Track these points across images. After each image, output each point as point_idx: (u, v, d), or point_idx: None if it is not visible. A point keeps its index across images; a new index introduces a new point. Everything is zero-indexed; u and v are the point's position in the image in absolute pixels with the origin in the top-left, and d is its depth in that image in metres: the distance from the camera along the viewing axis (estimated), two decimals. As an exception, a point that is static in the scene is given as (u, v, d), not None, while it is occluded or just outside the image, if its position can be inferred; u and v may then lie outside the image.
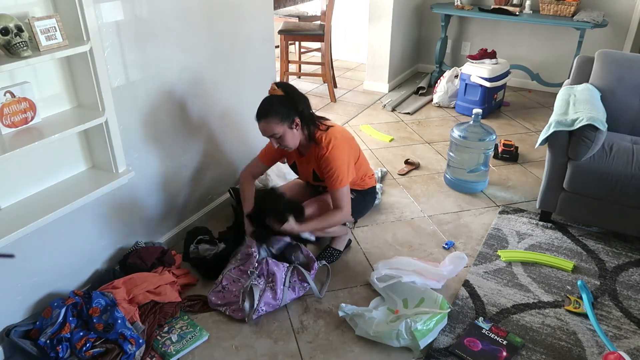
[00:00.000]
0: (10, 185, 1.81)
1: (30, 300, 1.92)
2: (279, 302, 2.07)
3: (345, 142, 2.20)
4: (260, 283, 2.07)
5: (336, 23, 5.59)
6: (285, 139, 2.09)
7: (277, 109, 2.05)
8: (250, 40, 2.70)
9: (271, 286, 2.07)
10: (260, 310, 2.03)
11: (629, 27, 4.20)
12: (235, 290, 2.08)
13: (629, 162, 2.34)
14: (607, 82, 2.70)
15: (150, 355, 1.86)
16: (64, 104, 1.92)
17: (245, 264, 2.14)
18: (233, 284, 2.11)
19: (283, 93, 2.09)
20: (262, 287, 2.06)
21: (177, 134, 2.38)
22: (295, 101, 2.09)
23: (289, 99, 2.08)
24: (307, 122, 2.14)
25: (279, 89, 2.09)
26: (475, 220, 2.72)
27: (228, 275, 2.14)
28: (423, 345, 1.87)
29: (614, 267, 2.34)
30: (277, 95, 2.09)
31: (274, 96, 2.10)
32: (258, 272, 2.08)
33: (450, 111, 4.27)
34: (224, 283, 2.12)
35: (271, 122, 2.05)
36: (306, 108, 2.13)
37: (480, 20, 4.72)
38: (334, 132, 2.17)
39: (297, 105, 2.09)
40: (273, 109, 2.05)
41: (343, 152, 2.15)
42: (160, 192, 2.38)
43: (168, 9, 2.14)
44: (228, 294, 2.09)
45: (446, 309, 1.98)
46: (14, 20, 1.57)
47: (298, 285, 2.13)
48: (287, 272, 2.12)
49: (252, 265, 2.11)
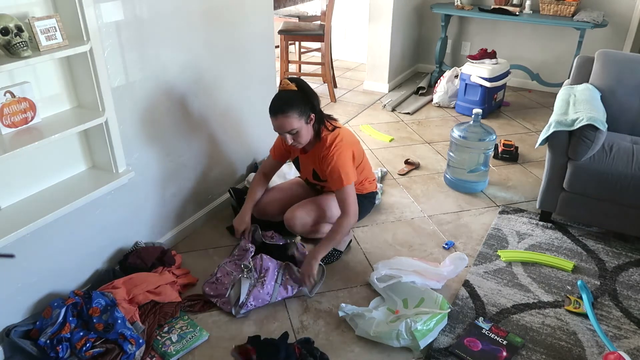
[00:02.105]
0: (10, 185, 1.81)
1: (30, 300, 1.92)
2: (269, 298, 2.07)
3: (349, 146, 2.19)
4: (251, 278, 2.08)
5: (336, 23, 5.59)
6: (301, 134, 2.07)
7: (295, 104, 2.02)
8: (250, 40, 2.70)
9: (262, 281, 2.07)
10: (249, 305, 2.03)
11: (629, 27, 4.20)
12: (227, 282, 2.12)
13: (629, 162, 2.34)
14: (607, 82, 2.70)
15: (150, 355, 1.86)
16: (64, 104, 1.92)
17: (242, 258, 2.16)
18: (226, 276, 2.14)
19: (297, 88, 2.06)
20: (252, 282, 2.07)
21: (177, 134, 2.38)
22: (309, 97, 2.07)
23: (304, 95, 2.06)
24: (319, 117, 2.13)
25: (293, 84, 2.06)
26: (475, 220, 2.72)
27: (223, 268, 2.18)
28: (423, 345, 1.87)
29: (614, 267, 2.34)
30: (292, 90, 2.05)
31: (290, 91, 2.06)
32: (252, 266, 2.10)
33: (450, 111, 4.27)
34: (218, 275, 2.16)
35: (290, 117, 2.01)
36: (317, 104, 2.12)
37: (480, 20, 4.72)
38: (340, 134, 2.17)
39: (312, 99, 2.08)
40: (291, 104, 2.01)
41: (345, 154, 2.14)
42: (160, 192, 2.38)
43: (168, 9, 2.14)
44: (220, 285, 2.12)
45: (446, 309, 1.98)
46: (14, 20, 1.57)
47: (291, 284, 2.13)
48: (280, 269, 2.12)
49: (247, 260, 2.14)
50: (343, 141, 2.15)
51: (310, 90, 2.11)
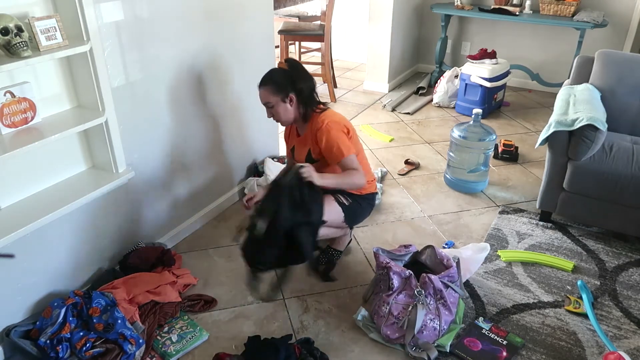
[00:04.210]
0: (10, 185, 1.81)
1: (30, 300, 1.92)
2: (453, 315, 1.96)
3: (339, 120, 2.16)
4: (430, 302, 1.90)
5: (336, 23, 5.59)
6: (277, 111, 2.15)
7: (274, 80, 2.12)
8: (250, 40, 2.70)
9: (442, 302, 1.92)
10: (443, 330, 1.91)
11: (629, 27, 4.20)
12: (403, 317, 1.90)
13: (629, 162, 2.34)
14: (607, 82, 2.70)
15: (150, 355, 1.86)
16: (64, 104, 1.92)
17: (405, 286, 1.95)
18: (403, 311, 1.91)
19: (287, 68, 2.16)
20: (432, 305, 1.90)
21: (177, 134, 2.38)
22: (296, 78, 2.14)
23: (291, 75, 2.14)
24: (305, 102, 2.16)
25: (286, 64, 2.17)
26: (475, 220, 2.72)
27: (395, 305, 1.92)
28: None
29: (614, 267, 2.34)
30: (281, 68, 2.17)
31: (279, 68, 2.19)
32: (425, 292, 1.91)
33: (450, 111, 4.27)
34: (395, 313, 1.91)
35: (267, 90, 2.13)
36: (306, 88, 2.15)
37: (480, 20, 4.72)
38: (328, 112, 2.19)
39: (297, 82, 2.13)
40: (271, 78, 2.13)
41: (337, 127, 2.11)
42: (160, 192, 2.38)
43: (168, 9, 2.14)
44: (400, 322, 1.91)
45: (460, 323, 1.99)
46: (14, 20, 1.57)
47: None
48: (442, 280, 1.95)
49: (414, 285, 1.92)
50: (334, 117, 2.17)
51: (301, 74, 2.16)
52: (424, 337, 1.87)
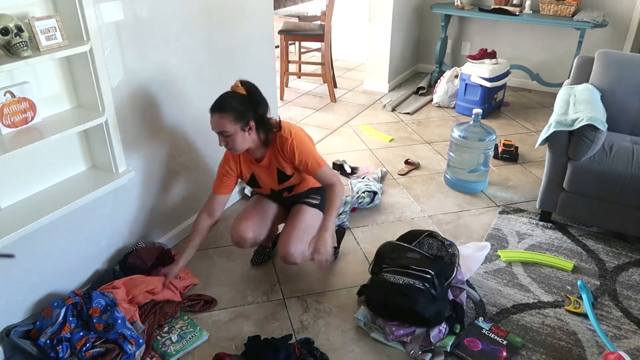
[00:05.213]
0: (10, 185, 1.81)
1: (30, 300, 1.92)
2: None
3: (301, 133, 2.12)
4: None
5: (336, 23, 5.59)
6: (235, 139, 1.95)
7: (234, 107, 1.91)
8: (250, 40, 2.70)
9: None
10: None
11: (629, 27, 4.20)
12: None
13: (629, 162, 2.34)
14: (607, 82, 2.70)
15: (150, 355, 1.86)
16: (64, 104, 1.92)
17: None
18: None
19: (245, 93, 1.96)
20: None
21: (177, 134, 2.38)
22: (255, 103, 1.98)
23: (250, 100, 1.97)
24: (264, 127, 2.02)
25: (242, 87, 1.97)
26: (475, 220, 2.72)
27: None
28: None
29: (614, 267, 2.34)
30: (239, 93, 1.96)
31: (236, 93, 1.97)
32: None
33: (450, 111, 4.27)
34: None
35: (225, 118, 1.91)
36: (264, 113, 2.02)
37: (480, 20, 4.72)
38: (288, 126, 2.10)
39: (257, 108, 1.98)
40: (230, 105, 1.91)
41: (305, 141, 2.10)
42: (160, 192, 2.38)
43: (168, 9, 2.14)
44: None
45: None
46: (14, 20, 1.57)
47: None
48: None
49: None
50: (292, 128, 2.09)
51: (259, 98, 2.00)
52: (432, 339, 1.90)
